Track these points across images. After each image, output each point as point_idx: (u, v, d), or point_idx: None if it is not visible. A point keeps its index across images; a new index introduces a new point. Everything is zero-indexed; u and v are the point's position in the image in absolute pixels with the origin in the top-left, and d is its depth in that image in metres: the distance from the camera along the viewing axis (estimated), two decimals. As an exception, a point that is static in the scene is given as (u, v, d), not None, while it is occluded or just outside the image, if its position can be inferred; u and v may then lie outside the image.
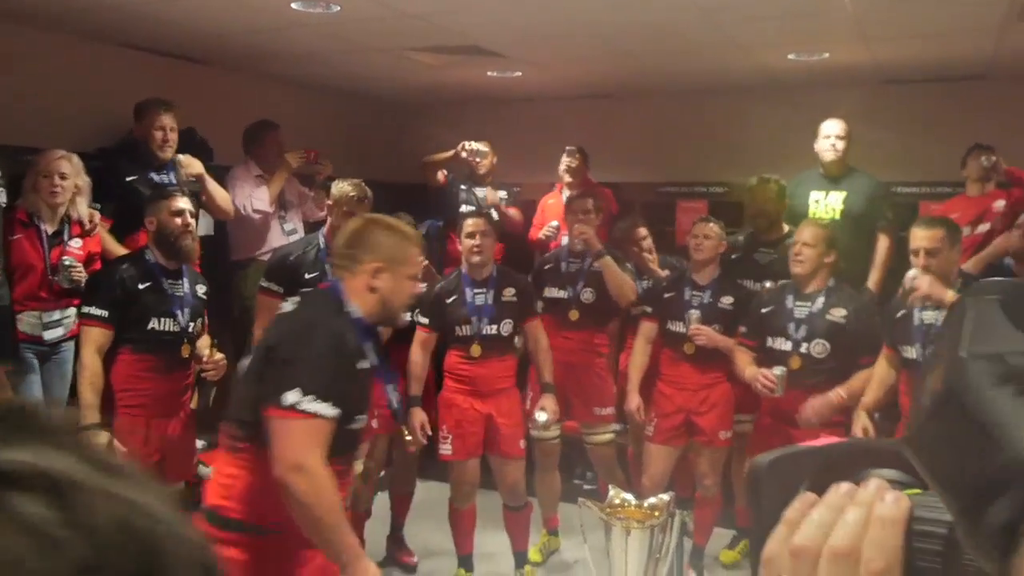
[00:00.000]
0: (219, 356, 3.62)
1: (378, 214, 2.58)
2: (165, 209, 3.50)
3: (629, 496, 3.38)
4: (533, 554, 4.41)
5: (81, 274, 3.86)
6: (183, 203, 3.52)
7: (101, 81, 4.76)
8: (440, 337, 4.08)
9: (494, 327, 4.03)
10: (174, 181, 4.30)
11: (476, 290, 4.05)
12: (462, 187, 5.55)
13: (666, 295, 4.28)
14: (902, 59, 4.95)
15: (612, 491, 3.41)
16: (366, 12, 3.95)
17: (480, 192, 5.53)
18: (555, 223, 5.17)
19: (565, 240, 4.80)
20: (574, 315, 4.35)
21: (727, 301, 4.16)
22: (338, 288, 2.32)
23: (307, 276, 3.78)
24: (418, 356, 4.05)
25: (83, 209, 3.99)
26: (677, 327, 4.20)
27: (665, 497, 3.36)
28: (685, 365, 4.18)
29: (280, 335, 2.23)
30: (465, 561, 4.18)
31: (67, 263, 3.83)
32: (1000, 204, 4.68)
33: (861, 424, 3.63)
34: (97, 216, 4.08)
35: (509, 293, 4.09)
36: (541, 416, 4.08)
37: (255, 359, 2.25)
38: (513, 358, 4.15)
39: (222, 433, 2.31)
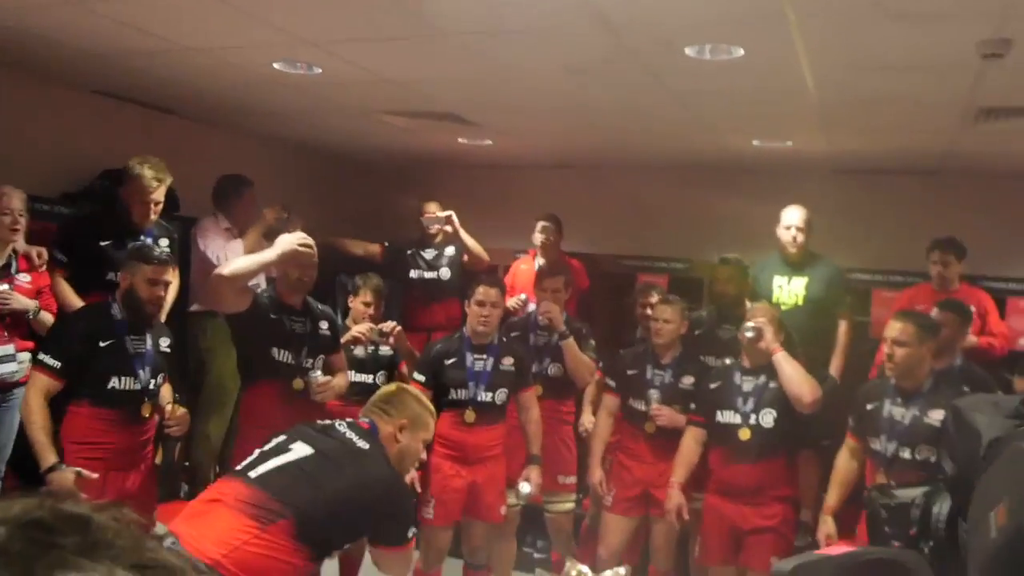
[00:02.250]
0: (181, 412, 3.53)
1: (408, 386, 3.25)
2: (141, 274, 3.38)
3: (585, 568, 3.37)
4: (485, 623, 4.34)
5: (7, 303, 3.78)
6: (165, 276, 3.42)
7: (69, 126, 4.71)
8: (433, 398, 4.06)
9: (489, 395, 4.03)
10: None
11: (476, 355, 4.05)
12: (408, 252, 5.59)
13: (629, 372, 4.31)
14: (859, 151, 5.15)
15: (568, 563, 3.40)
16: (347, 75, 4.00)
17: (428, 255, 5.56)
18: (523, 296, 5.20)
19: (532, 307, 4.83)
20: (538, 390, 4.33)
21: (688, 381, 4.20)
22: (376, 429, 2.78)
23: (272, 316, 3.74)
24: None
25: (23, 244, 3.94)
26: (639, 405, 4.23)
27: (621, 571, 3.37)
28: (645, 442, 4.21)
29: (367, 480, 2.61)
30: (421, 627, 4.11)
31: None
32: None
33: (826, 530, 3.59)
34: (45, 252, 4.02)
35: (508, 362, 4.09)
36: (525, 487, 4.05)
37: (332, 477, 2.57)
38: (503, 427, 4.12)
39: (249, 498, 2.43)
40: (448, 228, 5.42)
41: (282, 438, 2.67)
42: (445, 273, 5.55)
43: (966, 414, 1.11)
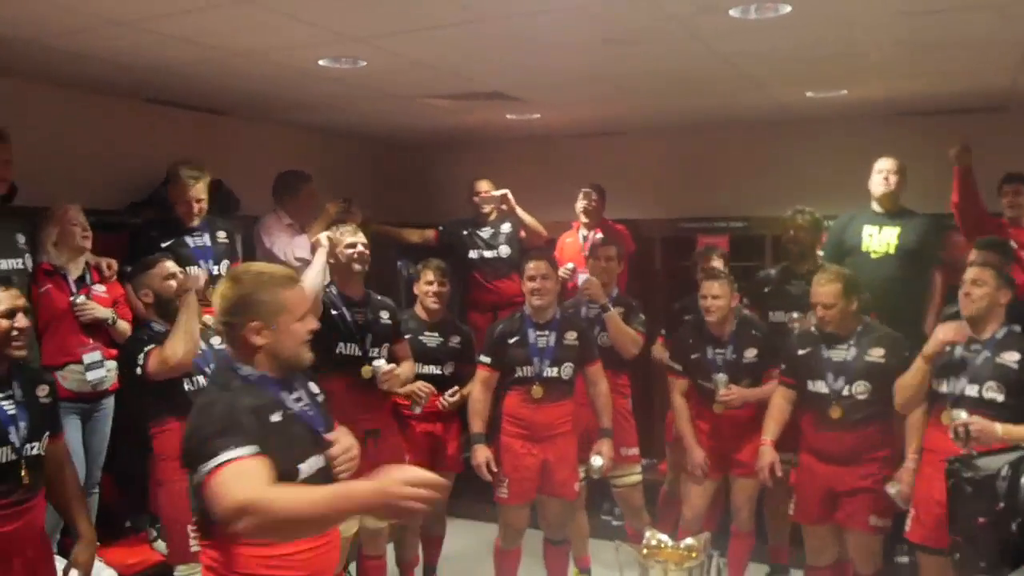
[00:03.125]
0: None
1: (248, 264, 2.50)
2: (157, 277, 3.48)
3: (665, 537, 3.39)
4: (567, 593, 4.41)
5: (87, 311, 3.90)
6: (171, 266, 3.52)
7: (127, 137, 4.81)
8: (500, 378, 4.12)
9: (555, 370, 4.05)
10: (208, 243, 4.35)
11: (539, 332, 4.07)
12: (464, 232, 5.60)
13: (692, 355, 4.27)
14: (918, 94, 4.98)
15: (648, 532, 3.42)
16: (391, 65, 4.02)
17: (485, 234, 5.58)
18: (571, 265, 5.20)
19: (582, 277, 4.84)
20: None
21: (751, 355, 4.17)
22: (227, 357, 2.26)
23: (333, 312, 3.85)
24: (479, 394, 4.10)
25: (91, 256, 4.08)
26: (708, 384, 4.22)
27: (702, 538, 3.38)
28: (719, 417, 4.21)
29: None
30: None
31: (77, 301, 3.90)
32: None
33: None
34: (115, 264, 4.16)
35: (571, 336, 4.10)
36: (597, 461, 4.09)
37: None
38: (571, 403, 4.15)
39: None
40: (504, 207, 5.43)
41: None
42: (505, 251, 5.56)
43: None
